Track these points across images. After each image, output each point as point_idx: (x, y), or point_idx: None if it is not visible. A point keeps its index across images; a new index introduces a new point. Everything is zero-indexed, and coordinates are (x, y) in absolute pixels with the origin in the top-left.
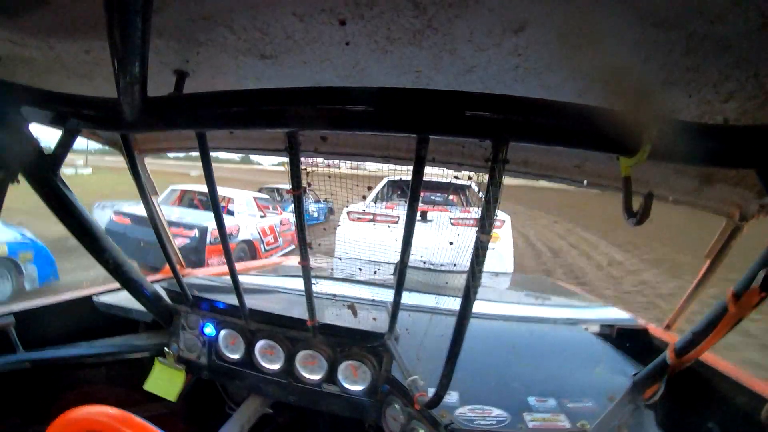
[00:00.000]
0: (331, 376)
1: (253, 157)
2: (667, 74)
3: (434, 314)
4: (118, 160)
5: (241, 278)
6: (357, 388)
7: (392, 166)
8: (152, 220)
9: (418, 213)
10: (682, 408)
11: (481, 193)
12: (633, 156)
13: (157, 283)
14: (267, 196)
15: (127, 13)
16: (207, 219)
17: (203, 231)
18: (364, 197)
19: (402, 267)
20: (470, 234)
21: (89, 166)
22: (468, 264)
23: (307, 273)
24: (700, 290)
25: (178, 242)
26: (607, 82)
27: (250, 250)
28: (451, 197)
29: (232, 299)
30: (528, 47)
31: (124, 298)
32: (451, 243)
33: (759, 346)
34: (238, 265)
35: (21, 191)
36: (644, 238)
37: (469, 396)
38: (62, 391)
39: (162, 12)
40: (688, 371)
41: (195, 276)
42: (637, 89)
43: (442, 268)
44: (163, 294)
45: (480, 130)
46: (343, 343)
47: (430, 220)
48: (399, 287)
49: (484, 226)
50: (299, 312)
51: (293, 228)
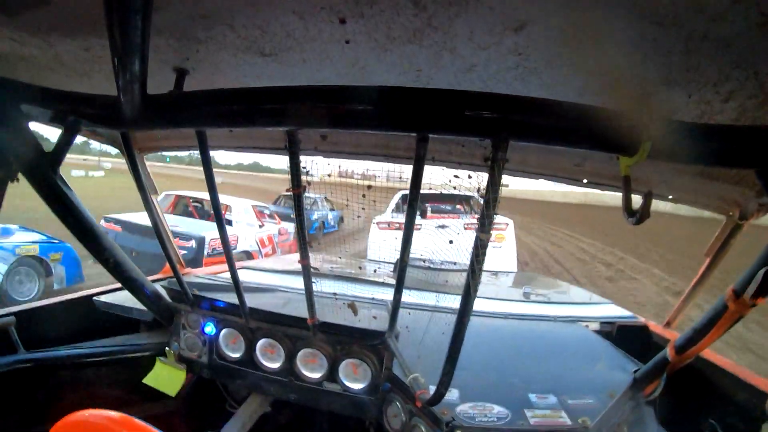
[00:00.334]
0: (331, 375)
1: (264, 163)
2: (667, 74)
3: (434, 312)
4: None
5: (241, 277)
6: (358, 386)
7: (394, 171)
8: (152, 218)
9: (436, 221)
10: (682, 404)
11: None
12: (632, 155)
13: (158, 282)
14: (265, 204)
15: (127, 12)
16: (204, 228)
17: (201, 242)
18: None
19: (402, 266)
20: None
21: (101, 168)
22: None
23: (307, 272)
24: (699, 288)
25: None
26: (606, 81)
27: (249, 260)
28: (458, 206)
29: (233, 298)
30: (528, 46)
31: (124, 298)
32: (450, 242)
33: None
34: (238, 264)
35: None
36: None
37: (470, 393)
38: (63, 391)
39: (162, 10)
40: (688, 368)
41: (195, 275)
42: (636, 89)
43: (442, 267)
44: (164, 293)
45: (480, 129)
46: (343, 341)
47: (447, 227)
48: (399, 286)
49: (484, 224)
50: (300, 310)
51: (291, 238)
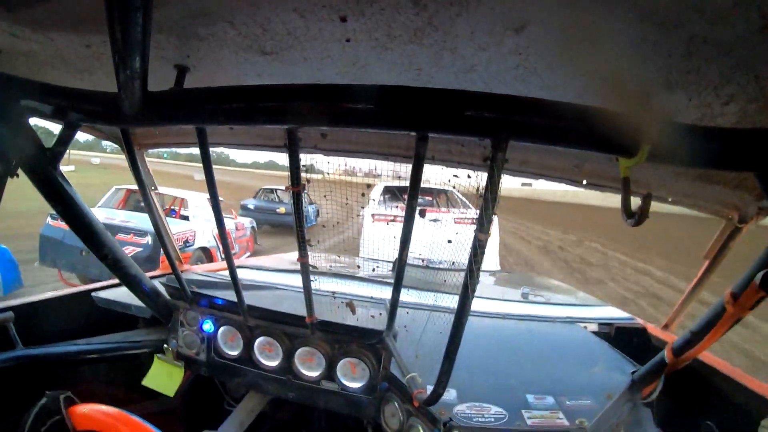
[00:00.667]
0: (329, 373)
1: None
2: (668, 76)
3: (432, 312)
4: (107, 156)
5: (240, 274)
6: (355, 385)
7: (386, 168)
8: (151, 214)
9: (431, 214)
10: (680, 406)
11: (461, 195)
12: (632, 157)
13: (156, 279)
14: (222, 199)
15: (128, 8)
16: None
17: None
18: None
19: (400, 264)
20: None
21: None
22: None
23: (305, 270)
24: (698, 290)
25: (128, 251)
26: (607, 83)
27: (207, 259)
28: (434, 200)
29: (231, 296)
30: (529, 47)
31: (123, 294)
32: (449, 241)
33: None
34: (237, 262)
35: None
36: None
37: (467, 393)
38: (61, 388)
39: (163, 7)
40: (685, 370)
41: (194, 272)
42: (637, 91)
43: (441, 266)
44: (162, 290)
45: (479, 128)
46: (341, 340)
47: (439, 221)
48: (397, 285)
49: (483, 224)
50: (298, 309)
51: (248, 234)
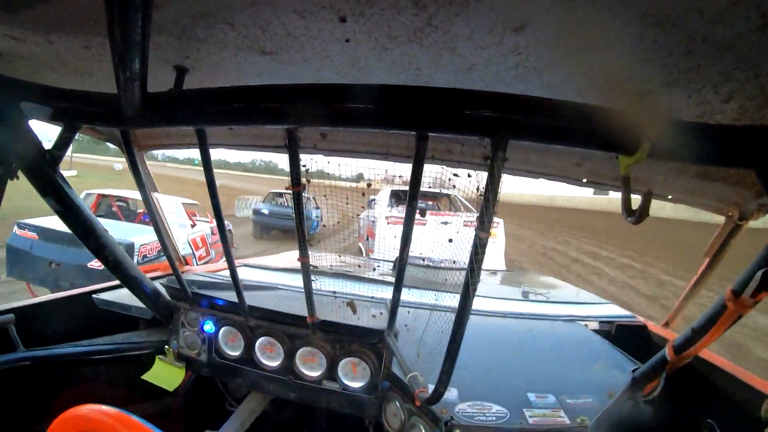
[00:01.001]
0: (330, 373)
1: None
2: (667, 74)
3: (433, 311)
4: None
5: (241, 275)
6: (357, 384)
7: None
8: (152, 216)
9: (441, 217)
10: (681, 404)
11: (462, 199)
12: (632, 155)
13: (157, 280)
14: (196, 202)
15: (127, 9)
16: (133, 232)
17: (130, 248)
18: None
19: (401, 264)
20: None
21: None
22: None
23: (306, 270)
24: (698, 288)
25: (98, 263)
26: (607, 81)
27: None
28: (435, 204)
29: (232, 296)
30: (528, 46)
31: (123, 296)
32: (450, 240)
33: None
34: (238, 262)
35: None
36: None
37: (468, 392)
38: (62, 389)
39: (162, 8)
40: (686, 368)
41: (194, 273)
42: (637, 89)
43: (442, 265)
44: (163, 291)
45: (479, 128)
46: (342, 339)
47: (449, 223)
48: (398, 284)
49: (483, 223)
50: (299, 309)
51: (219, 236)
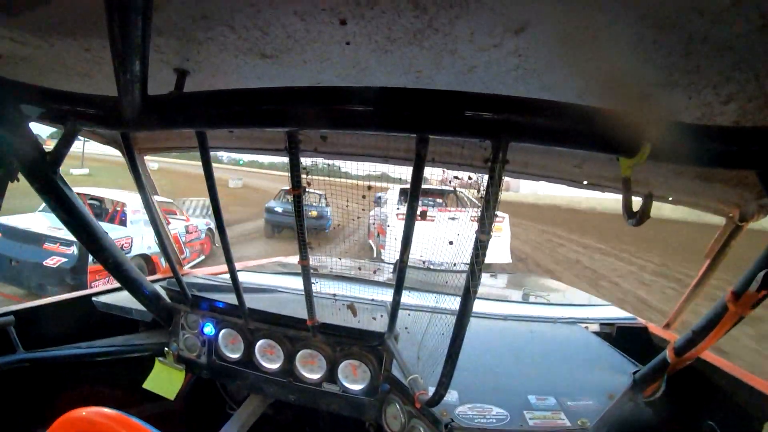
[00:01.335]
0: (331, 376)
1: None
2: (667, 76)
3: (434, 313)
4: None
5: (241, 278)
6: (357, 387)
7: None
8: (152, 219)
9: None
10: (682, 406)
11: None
12: (633, 157)
13: (157, 282)
14: (171, 200)
15: (128, 12)
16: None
17: (85, 249)
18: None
19: (401, 266)
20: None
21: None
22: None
23: (306, 272)
24: (699, 290)
25: (53, 261)
26: (607, 83)
27: (148, 266)
28: (443, 201)
29: (232, 299)
30: (528, 48)
31: (123, 298)
32: (451, 243)
33: None
34: (238, 265)
35: None
36: None
37: (469, 395)
38: (62, 391)
39: (162, 10)
40: (687, 369)
41: (194, 275)
42: (637, 91)
43: (442, 268)
44: (163, 294)
45: (480, 130)
46: (342, 342)
47: (457, 218)
48: (398, 286)
49: (484, 225)
50: (299, 311)
51: (202, 236)
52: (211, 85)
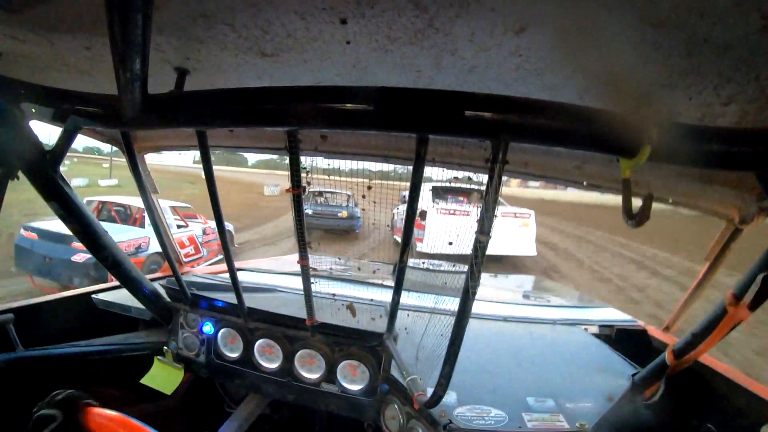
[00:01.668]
0: (329, 376)
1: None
2: (668, 76)
3: (433, 314)
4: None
5: (240, 277)
6: (356, 387)
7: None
8: (152, 217)
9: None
10: (680, 408)
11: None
12: (633, 158)
13: (157, 281)
14: (189, 205)
15: (128, 10)
16: (115, 233)
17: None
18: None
19: (401, 267)
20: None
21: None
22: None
23: (306, 272)
24: (699, 292)
25: (80, 258)
26: (607, 83)
27: (165, 261)
28: (467, 199)
29: (231, 298)
30: (529, 48)
31: (123, 296)
32: (450, 243)
33: None
34: (237, 264)
35: None
36: None
37: (467, 396)
38: (60, 389)
39: (163, 9)
40: (686, 372)
41: (194, 274)
42: (637, 91)
43: (441, 269)
44: (162, 292)
45: (480, 130)
46: (341, 342)
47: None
48: (398, 287)
49: (483, 226)
50: (298, 311)
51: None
52: (212, 84)
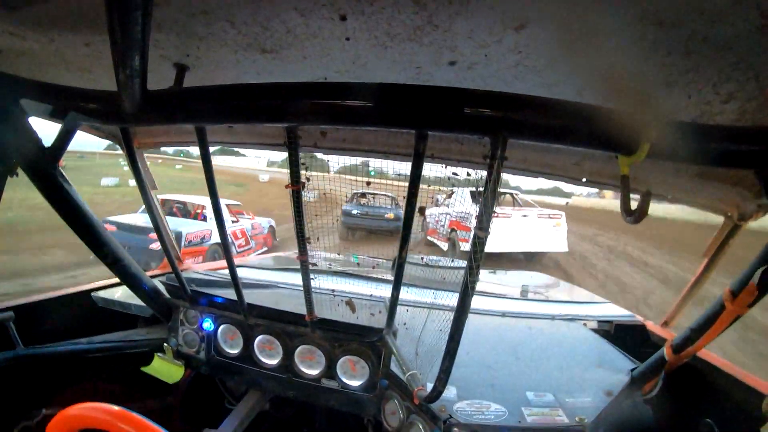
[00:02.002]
0: (329, 371)
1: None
2: (667, 74)
3: (432, 309)
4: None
5: (240, 273)
6: (356, 383)
7: None
8: (151, 214)
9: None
10: (679, 403)
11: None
12: (632, 155)
13: (156, 278)
14: (239, 203)
15: (128, 6)
16: (183, 225)
17: (179, 235)
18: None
19: (400, 262)
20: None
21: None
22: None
23: (305, 268)
24: (697, 288)
25: (156, 246)
26: (606, 81)
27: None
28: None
29: (231, 294)
30: (528, 45)
31: (122, 294)
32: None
33: None
34: (237, 261)
35: None
36: None
37: (467, 391)
38: (61, 387)
39: (163, 5)
40: (685, 367)
41: (194, 271)
42: (636, 89)
43: (440, 264)
44: (162, 289)
45: (478, 127)
46: (341, 338)
47: (527, 216)
48: (397, 282)
49: (482, 222)
50: (298, 307)
51: (264, 232)
52: (211, 81)
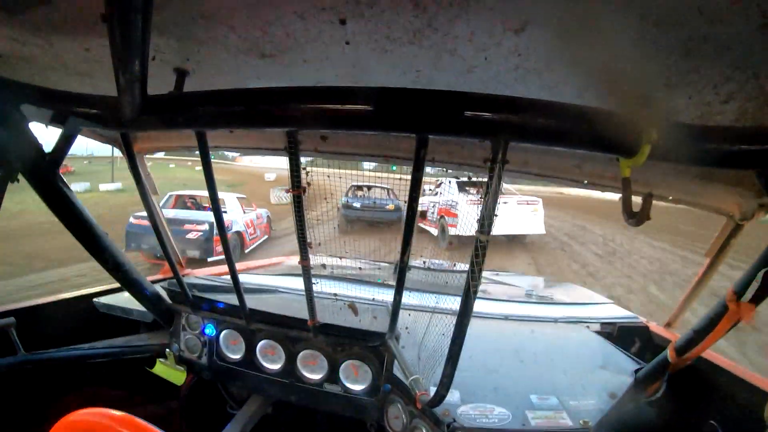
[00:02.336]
0: (332, 376)
1: None
2: (667, 75)
3: (434, 313)
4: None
5: (242, 278)
6: (358, 387)
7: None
8: (152, 218)
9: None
10: (683, 405)
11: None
12: (632, 157)
13: (158, 283)
14: (245, 196)
15: (128, 11)
16: (210, 216)
17: (212, 225)
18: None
19: (402, 266)
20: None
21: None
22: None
23: (307, 273)
24: (700, 289)
25: (193, 235)
26: (606, 83)
27: (240, 239)
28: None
29: (233, 299)
30: (528, 47)
31: (124, 299)
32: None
33: None
34: (239, 265)
35: None
36: None
37: (470, 395)
38: (63, 392)
39: (163, 10)
40: (689, 368)
41: (195, 276)
42: (636, 90)
43: (442, 268)
44: (164, 294)
45: (479, 130)
46: (343, 342)
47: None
48: (399, 287)
49: (484, 225)
50: (300, 312)
51: (264, 221)
52: (211, 85)
